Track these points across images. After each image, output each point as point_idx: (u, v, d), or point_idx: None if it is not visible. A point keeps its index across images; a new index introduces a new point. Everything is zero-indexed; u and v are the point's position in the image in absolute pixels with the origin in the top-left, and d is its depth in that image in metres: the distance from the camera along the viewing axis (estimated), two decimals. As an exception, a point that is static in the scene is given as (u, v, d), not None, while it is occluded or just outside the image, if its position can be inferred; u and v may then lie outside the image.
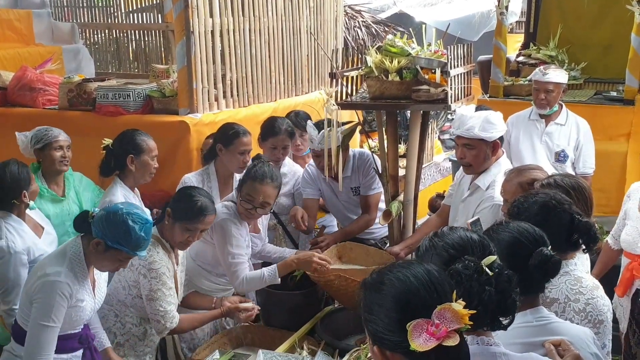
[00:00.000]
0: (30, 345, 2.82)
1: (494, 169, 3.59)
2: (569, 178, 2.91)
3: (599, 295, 2.38)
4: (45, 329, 2.79)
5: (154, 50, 8.88)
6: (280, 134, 4.29)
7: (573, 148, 4.89)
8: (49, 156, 4.05)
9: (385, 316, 1.54)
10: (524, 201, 2.43)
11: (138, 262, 3.17)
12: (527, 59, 6.60)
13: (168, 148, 4.50)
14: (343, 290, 3.47)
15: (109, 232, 2.82)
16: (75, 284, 2.85)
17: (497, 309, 1.70)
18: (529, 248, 2.04)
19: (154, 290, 3.17)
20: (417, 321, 1.48)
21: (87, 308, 2.94)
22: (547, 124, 4.93)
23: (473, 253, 1.76)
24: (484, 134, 3.55)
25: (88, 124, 4.77)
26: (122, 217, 2.83)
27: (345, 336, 3.54)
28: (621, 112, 5.63)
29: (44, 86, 5.19)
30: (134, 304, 3.29)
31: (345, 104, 3.79)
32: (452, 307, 1.48)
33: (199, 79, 4.68)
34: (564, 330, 2.07)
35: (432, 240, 1.88)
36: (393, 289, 1.55)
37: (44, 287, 2.81)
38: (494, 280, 1.66)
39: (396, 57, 3.59)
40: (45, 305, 2.79)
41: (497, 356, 1.75)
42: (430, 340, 1.45)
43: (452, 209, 3.84)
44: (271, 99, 5.51)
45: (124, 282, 3.27)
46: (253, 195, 3.51)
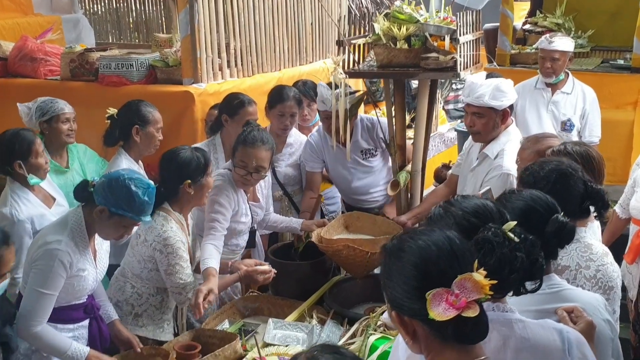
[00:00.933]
0: (25, 310, 2.82)
1: (503, 138, 3.57)
2: (579, 146, 2.90)
3: (608, 262, 2.38)
4: (42, 296, 2.79)
5: (154, 19, 8.79)
6: (288, 100, 4.25)
7: (579, 117, 4.87)
8: (55, 129, 4.00)
9: (404, 283, 1.53)
10: (539, 169, 2.41)
11: (152, 237, 3.16)
12: (534, 27, 6.54)
13: (172, 119, 4.47)
14: (351, 259, 3.46)
15: (112, 199, 2.81)
16: (76, 253, 2.85)
17: (526, 275, 1.68)
18: (544, 215, 2.03)
19: (171, 265, 3.16)
20: (437, 290, 1.46)
21: (89, 278, 2.93)
22: (553, 92, 4.90)
23: (493, 221, 1.73)
24: (494, 102, 3.53)
25: (91, 94, 4.72)
26: (124, 182, 2.81)
27: (353, 305, 3.55)
28: (629, 80, 5.60)
29: (45, 56, 5.13)
30: (149, 277, 3.28)
31: (353, 72, 3.76)
32: (472, 277, 1.46)
33: (203, 47, 4.62)
34: (576, 297, 2.07)
35: (447, 209, 1.85)
36: (413, 256, 1.53)
37: (44, 255, 2.82)
38: (522, 246, 1.64)
39: (404, 24, 3.54)
40: (43, 272, 2.80)
41: (513, 323, 1.74)
42: (449, 310, 1.44)
43: (461, 178, 3.82)
44: (275, 69, 5.45)
45: (139, 257, 3.26)
46: (246, 161, 3.48)
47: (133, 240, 3.32)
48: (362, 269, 3.54)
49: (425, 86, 3.79)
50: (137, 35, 8.98)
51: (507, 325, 1.72)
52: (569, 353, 1.72)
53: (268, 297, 3.68)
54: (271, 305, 3.58)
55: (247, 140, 3.50)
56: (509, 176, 3.41)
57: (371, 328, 3.07)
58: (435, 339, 1.52)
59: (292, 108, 4.27)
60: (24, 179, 3.51)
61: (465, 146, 3.94)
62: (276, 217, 4.02)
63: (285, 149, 4.41)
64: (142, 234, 3.23)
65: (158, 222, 3.18)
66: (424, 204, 3.95)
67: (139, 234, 3.25)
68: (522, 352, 1.70)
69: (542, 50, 4.81)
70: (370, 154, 4.34)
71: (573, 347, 1.73)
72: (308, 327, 3.24)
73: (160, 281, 3.27)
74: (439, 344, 1.52)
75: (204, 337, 3.18)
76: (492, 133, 3.61)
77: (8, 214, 3.41)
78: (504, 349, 1.68)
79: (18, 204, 3.46)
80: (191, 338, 3.17)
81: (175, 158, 3.25)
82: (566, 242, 2.03)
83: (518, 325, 1.74)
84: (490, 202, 1.85)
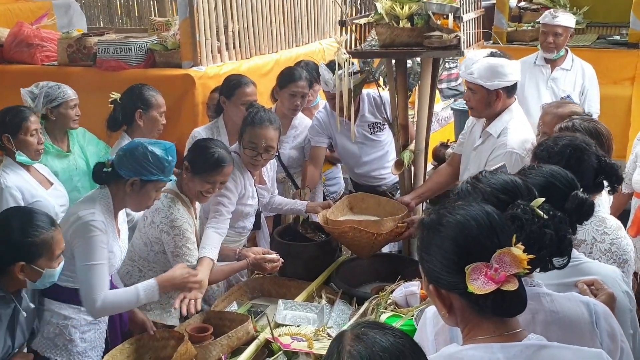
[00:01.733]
0: (84, 289, 2.84)
1: (506, 116, 3.55)
2: (587, 122, 2.91)
3: (622, 235, 2.41)
4: (93, 268, 2.80)
5: (145, 3, 8.70)
6: (301, 80, 4.28)
7: (578, 93, 4.88)
8: (64, 115, 3.99)
9: (442, 257, 1.54)
10: (553, 144, 2.42)
11: (159, 219, 3.17)
12: (529, 4, 6.54)
13: (173, 102, 4.44)
14: (357, 241, 3.48)
15: (140, 167, 2.86)
16: (108, 226, 2.87)
17: (555, 251, 1.69)
18: (563, 191, 2.03)
19: (178, 246, 3.17)
20: (476, 264, 1.48)
21: (116, 255, 2.96)
22: (552, 69, 4.91)
23: (521, 197, 1.74)
24: (483, 81, 3.48)
25: (90, 79, 4.69)
26: (147, 149, 2.87)
27: (360, 284, 3.57)
28: (626, 55, 5.62)
29: (42, 42, 5.08)
30: (156, 260, 3.29)
31: (356, 52, 3.74)
32: (511, 251, 1.47)
33: (202, 30, 4.59)
34: (595, 270, 2.08)
35: (475, 185, 1.84)
36: (452, 231, 1.54)
37: (79, 229, 2.82)
38: (551, 223, 1.65)
39: (407, 3, 3.51)
40: (86, 245, 2.80)
41: (541, 296, 1.76)
42: (488, 284, 1.45)
43: (463, 157, 3.81)
44: (273, 50, 5.43)
45: (145, 239, 3.27)
46: (255, 142, 3.51)
47: (140, 222, 3.33)
48: (368, 250, 3.56)
49: (428, 65, 3.78)
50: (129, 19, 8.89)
51: (536, 299, 1.74)
52: (597, 325, 1.74)
53: (275, 279, 3.69)
54: (278, 287, 3.60)
55: (255, 121, 3.51)
56: (513, 154, 3.40)
57: (382, 307, 3.10)
58: (473, 312, 1.54)
59: (304, 88, 4.29)
60: (14, 156, 3.53)
61: (467, 124, 3.93)
62: (281, 200, 4.03)
63: (290, 131, 4.41)
64: (149, 216, 3.24)
65: (165, 204, 3.19)
66: (427, 183, 3.96)
67: (146, 215, 3.25)
68: (551, 325, 1.71)
69: (545, 25, 4.82)
70: (378, 128, 4.37)
71: (601, 319, 1.75)
72: (318, 307, 3.26)
73: (167, 264, 3.27)
74: (476, 317, 1.54)
75: (214, 320, 3.19)
76: (487, 110, 3.57)
77: None
78: (533, 323, 1.69)
79: (8, 174, 3.50)
80: (202, 320, 3.18)
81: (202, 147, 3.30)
82: (585, 218, 2.04)
83: (546, 298, 1.76)
84: (519, 178, 1.85)
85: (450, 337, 1.75)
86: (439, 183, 3.99)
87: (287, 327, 3.10)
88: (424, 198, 4.01)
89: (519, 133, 3.47)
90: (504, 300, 1.48)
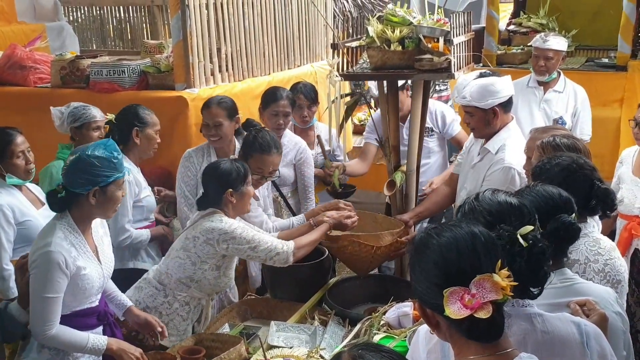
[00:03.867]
0: (35, 318, 2.82)
1: (504, 134, 3.63)
2: (567, 139, 2.96)
3: (616, 256, 2.42)
4: (46, 300, 2.79)
5: (138, 26, 8.74)
6: (282, 99, 4.33)
7: (571, 115, 4.95)
8: (86, 135, 4.01)
9: (425, 279, 1.56)
10: (547, 162, 2.45)
11: (217, 233, 3.22)
12: (518, 27, 6.62)
13: (166, 124, 4.45)
14: (356, 255, 3.52)
15: (94, 177, 2.83)
16: (71, 251, 2.83)
17: (527, 280, 1.69)
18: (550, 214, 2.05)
19: (250, 241, 3.24)
20: (454, 289, 1.49)
21: (93, 276, 2.91)
22: (545, 91, 4.97)
23: (510, 220, 1.74)
24: (477, 103, 3.58)
25: (83, 101, 4.61)
26: (88, 157, 2.83)
27: (353, 306, 3.57)
28: (614, 78, 5.69)
29: (35, 64, 5.08)
30: (203, 278, 3.32)
31: (348, 75, 3.78)
32: (492, 277, 1.48)
33: (195, 53, 4.62)
34: (588, 291, 2.10)
35: (472, 204, 1.86)
36: (434, 254, 1.55)
37: (37, 259, 2.81)
38: (526, 253, 1.65)
39: (398, 27, 3.58)
40: (41, 277, 2.79)
41: (532, 317, 1.77)
42: (462, 309, 1.46)
43: (461, 176, 3.88)
44: (265, 73, 5.47)
45: (194, 258, 3.28)
46: (262, 167, 3.61)
47: (189, 243, 3.31)
48: (367, 265, 3.59)
49: (419, 87, 3.83)
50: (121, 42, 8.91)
51: (527, 320, 1.75)
52: (588, 346, 1.75)
53: (266, 300, 3.70)
54: (270, 308, 3.60)
55: (263, 147, 3.60)
56: (511, 169, 3.46)
57: (375, 328, 3.10)
58: (458, 332, 1.55)
59: (286, 107, 4.33)
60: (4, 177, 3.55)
61: (465, 145, 4.01)
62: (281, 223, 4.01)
63: None
64: (199, 236, 3.26)
65: (216, 220, 3.25)
66: (425, 203, 4.02)
67: (195, 236, 3.27)
68: (542, 346, 1.72)
69: (537, 48, 4.89)
70: (428, 133, 4.45)
71: (591, 339, 1.76)
72: (310, 328, 3.26)
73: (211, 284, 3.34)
74: (462, 337, 1.55)
75: (206, 342, 3.18)
76: (487, 129, 3.66)
77: None
78: (524, 343, 1.70)
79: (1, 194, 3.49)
80: (194, 342, 3.17)
81: (216, 169, 3.35)
82: (568, 242, 2.06)
83: (537, 319, 1.77)
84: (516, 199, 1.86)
85: (442, 355, 1.75)
86: (437, 202, 4.05)
87: (279, 348, 3.09)
88: (422, 217, 4.08)
89: (516, 150, 3.53)
90: (478, 326, 1.49)
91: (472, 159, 3.76)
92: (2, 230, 3.44)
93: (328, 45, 6.11)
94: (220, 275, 3.35)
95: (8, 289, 3.44)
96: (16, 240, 3.51)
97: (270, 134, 3.73)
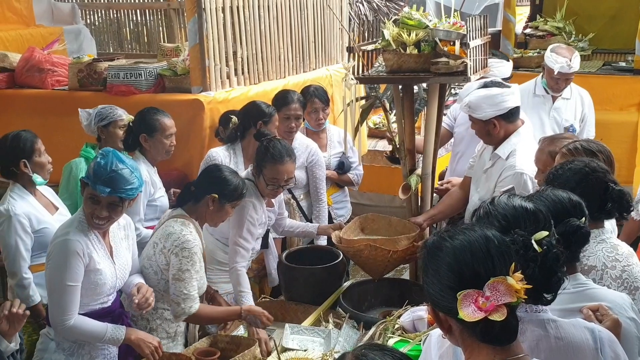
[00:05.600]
0: (53, 309, 2.86)
1: (514, 139, 3.59)
2: (594, 143, 2.94)
3: (634, 263, 2.39)
4: (65, 289, 2.82)
5: (154, 29, 8.80)
6: (293, 103, 4.36)
7: (579, 120, 4.94)
8: (112, 133, 4.06)
9: (438, 282, 1.56)
10: (560, 168, 2.43)
11: (171, 242, 3.15)
12: (535, 30, 6.60)
13: (182, 127, 4.47)
14: (372, 259, 3.51)
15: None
16: (88, 244, 2.87)
17: (541, 286, 1.69)
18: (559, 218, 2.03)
19: (182, 270, 3.12)
20: (468, 291, 1.49)
21: (106, 272, 2.94)
22: (554, 99, 4.94)
23: (525, 225, 1.74)
24: (474, 113, 3.55)
25: (100, 104, 4.69)
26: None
27: (368, 309, 3.58)
28: (631, 82, 5.66)
29: (53, 67, 5.14)
30: (166, 288, 3.24)
31: (364, 78, 3.78)
32: (506, 280, 1.47)
33: (211, 56, 4.65)
34: (601, 296, 2.08)
35: (487, 208, 1.86)
36: (448, 257, 1.55)
37: (55, 248, 2.87)
38: (540, 258, 1.65)
39: (414, 30, 3.57)
40: (59, 264, 2.83)
41: (545, 322, 1.76)
42: (477, 312, 1.46)
43: (473, 179, 3.85)
44: (281, 76, 5.49)
45: (155, 267, 3.25)
46: (277, 177, 3.56)
47: (149, 250, 3.30)
48: (382, 269, 3.58)
49: (435, 91, 3.82)
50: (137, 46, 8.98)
51: (540, 326, 1.74)
52: (602, 352, 1.74)
53: (281, 303, 3.70)
54: (285, 311, 3.61)
55: (276, 157, 3.55)
56: (522, 175, 3.43)
57: (389, 331, 3.09)
58: (471, 336, 1.54)
59: (297, 110, 4.36)
60: (29, 180, 3.57)
61: (477, 148, 3.98)
62: (291, 223, 4.06)
63: None
64: (159, 242, 3.22)
65: (176, 228, 3.18)
66: (439, 206, 4.01)
67: (156, 242, 3.24)
68: (556, 352, 1.71)
69: (560, 73, 4.81)
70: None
71: (605, 346, 1.75)
72: (325, 331, 3.26)
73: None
74: (475, 342, 1.55)
75: (221, 343, 3.19)
76: (489, 138, 3.63)
77: (3, 210, 3.48)
78: (537, 349, 1.70)
79: (15, 201, 3.52)
80: (209, 344, 3.18)
81: (220, 172, 3.33)
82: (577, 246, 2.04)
83: (551, 325, 1.76)
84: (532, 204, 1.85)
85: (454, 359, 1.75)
86: (451, 205, 4.04)
87: (294, 351, 3.10)
88: (436, 220, 4.07)
89: (527, 155, 3.49)
90: (493, 329, 1.48)
91: (484, 163, 3.74)
92: (20, 240, 3.46)
93: (343, 49, 6.12)
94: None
95: (28, 297, 3.45)
96: (33, 248, 3.53)
97: (282, 142, 3.69)
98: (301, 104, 4.40)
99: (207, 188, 3.26)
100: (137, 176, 2.89)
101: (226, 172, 3.34)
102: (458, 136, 4.75)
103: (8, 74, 5.24)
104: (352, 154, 4.77)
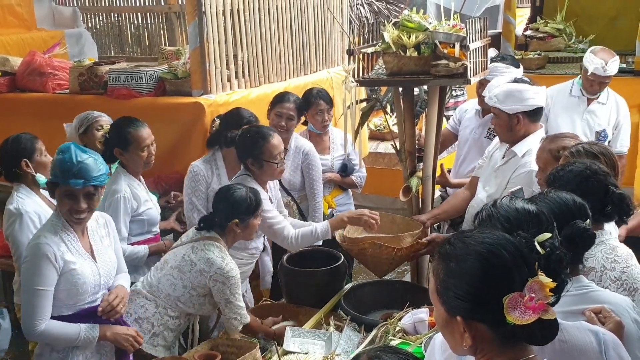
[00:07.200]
0: (25, 313, 2.86)
1: (532, 138, 3.63)
2: (596, 145, 2.94)
3: (633, 264, 2.39)
4: (36, 293, 2.82)
5: (155, 32, 8.82)
6: (288, 102, 4.36)
7: (612, 127, 4.88)
8: (91, 136, 4.05)
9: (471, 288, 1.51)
10: (561, 169, 2.44)
11: (214, 270, 3.21)
12: (535, 32, 6.60)
13: (183, 130, 4.50)
14: (377, 257, 3.50)
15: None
16: (61, 246, 2.86)
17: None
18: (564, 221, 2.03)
19: (232, 294, 3.26)
20: (512, 295, 1.46)
21: (85, 272, 2.91)
22: (589, 102, 4.89)
23: (528, 227, 1.72)
24: (501, 105, 3.62)
25: (101, 107, 4.71)
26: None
27: (369, 311, 3.56)
28: (632, 83, 5.65)
29: (54, 70, 5.15)
30: (189, 301, 3.30)
31: (364, 80, 3.79)
32: (539, 279, 1.47)
33: (212, 59, 4.66)
34: (604, 298, 2.08)
35: (490, 211, 1.85)
36: (480, 262, 1.51)
37: (27, 252, 2.89)
38: (543, 260, 1.65)
39: (413, 32, 3.57)
40: (31, 269, 2.83)
41: None
42: (527, 314, 1.44)
43: (481, 178, 3.87)
44: (281, 79, 5.50)
45: (186, 282, 3.27)
46: (276, 151, 3.66)
47: (183, 264, 3.29)
48: (387, 267, 3.58)
49: (435, 93, 3.82)
50: (138, 49, 9.00)
51: None
52: (606, 355, 1.73)
53: (282, 305, 3.70)
54: (286, 313, 3.60)
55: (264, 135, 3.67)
56: (535, 173, 3.45)
57: (390, 333, 3.10)
58: (496, 341, 1.52)
59: (290, 110, 4.36)
60: (32, 180, 3.59)
61: (488, 150, 4.01)
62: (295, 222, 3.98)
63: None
64: (197, 263, 3.25)
65: (217, 255, 3.24)
66: (443, 206, 4.04)
67: (194, 261, 3.26)
68: (560, 355, 1.71)
69: (594, 75, 4.73)
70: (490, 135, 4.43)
71: (609, 348, 1.74)
72: (326, 334, 3.26)
73: (196, 307, 3.33)
74: (499, 346, 1.52)
75: (222, 347, 3.20)
76: (509, 134, 3.67)
77: (13, 209, 3.50)
78: (541, 352, 1.69)
79: (23, 200, 3.54)
80: (210, 348, 3.19)
81: (231, 195, 3.35)
82: (583, 249, 2.04)
83: None
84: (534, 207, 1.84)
85: (458, 363, 1.75)
86: (455, 206, 4.05)
87: (295, 354, 3.10)
88: (440, 220, 4.10)
89: None
90: (542, 329, 1.46)
91: (496, 162, 3.77)
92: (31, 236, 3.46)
93: (344, 51, 6.12)
94: (206, 302, 3.35)
95: None
96: None
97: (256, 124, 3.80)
98: (297, 106, 4.39)
99: (226, 217, 3.33)
100: (101, 162, 2.93)
101: (234, 191, 3.37)
102: (462, 139, 4.75)
103: (9, 77, 5.25)
104: (354, 157, 4.78)
